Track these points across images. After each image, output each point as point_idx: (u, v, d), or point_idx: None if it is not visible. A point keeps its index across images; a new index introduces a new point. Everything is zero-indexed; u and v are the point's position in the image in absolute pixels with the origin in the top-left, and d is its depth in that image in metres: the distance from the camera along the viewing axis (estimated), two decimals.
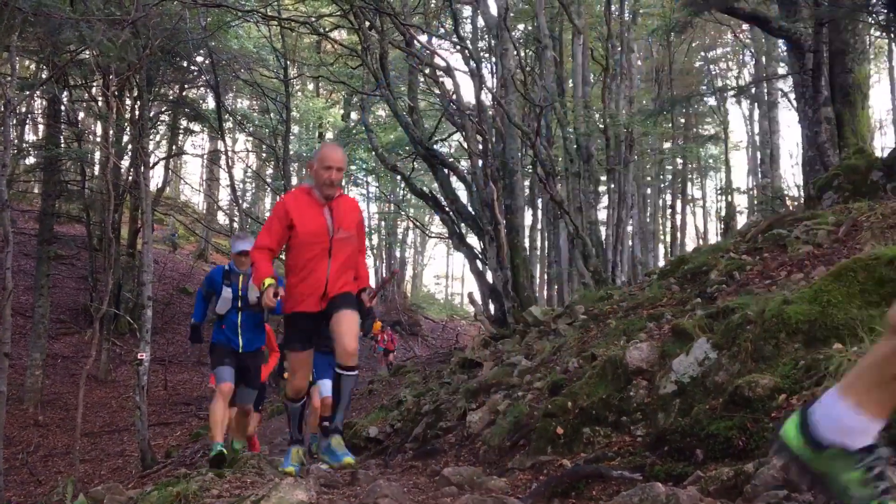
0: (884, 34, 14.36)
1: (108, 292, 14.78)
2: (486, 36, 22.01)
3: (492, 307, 17.17)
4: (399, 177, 25.29)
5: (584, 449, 4.25)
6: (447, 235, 21.54)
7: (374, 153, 22.86)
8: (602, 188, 24.41)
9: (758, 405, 3.25)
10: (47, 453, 15.32)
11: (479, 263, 17.91)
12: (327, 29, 24.22)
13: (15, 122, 23.56)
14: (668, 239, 35.08)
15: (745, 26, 23.51)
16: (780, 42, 16.44)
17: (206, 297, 6.23)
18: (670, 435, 3.57)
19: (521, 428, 5.03)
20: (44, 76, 19.24)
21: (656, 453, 3.58)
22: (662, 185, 35.44)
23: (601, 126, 19.18)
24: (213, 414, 5.82)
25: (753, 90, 24.63)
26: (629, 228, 22.32)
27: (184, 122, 26.15)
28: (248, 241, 5.84)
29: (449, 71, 17.87)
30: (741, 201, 29.45)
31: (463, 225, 18.33)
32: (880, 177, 7.20)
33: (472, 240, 19.28)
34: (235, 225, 31.67)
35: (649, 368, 4.52)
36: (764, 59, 23.41)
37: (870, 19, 10.59)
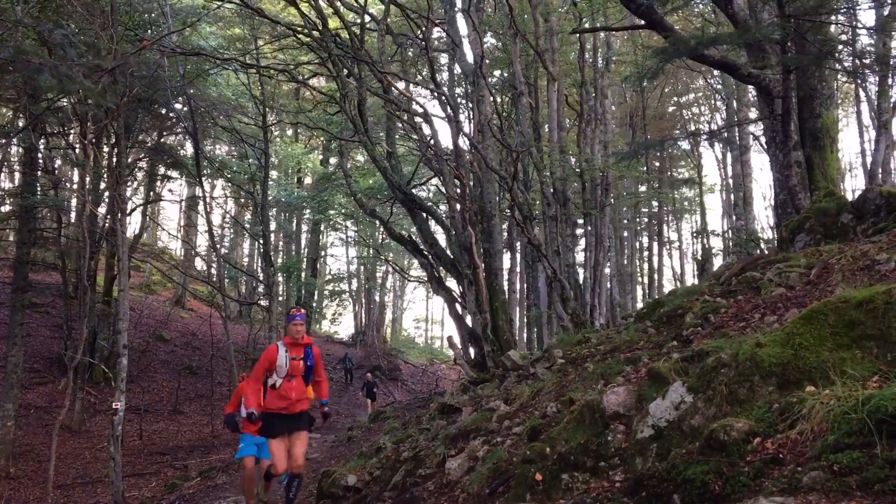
0: (850, 80, 14.75)
1: (83, 341, 14.61)
2: (463, 83, 22.31)
3: (471, 351, 17.12)
4: (378, 221, 25.34)
5: (563, 495, 4.23)
6: (426, 279, 21.48)
7: (352, 198, 22.92)
8: (579, 231, 24.62)
9: (733, 449, 3.26)
10: None
11: (458, 307, 17.90)
12: (306, 76, 24.51)
13: None
14: (646, 281, 35.33)
15: (716, 72, 24.02)
16: (751, 87, 16.81)
17: None
18: (648, 480, 3.56)
19: (501, 474, 5.00)
20: (21, 124, 19.19)
21: (634, 499, 3.57)
22: (639, 228, 35.81)
23: (577, 170, 19.42)
24: None
25: (725, 134, 25.07)
26: (607, 271, 22.49)
27: (162, 169, 26.14)
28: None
29: (426, 117, 18.08)
30: (716, 243, 29.78)
31: (442, 269, 18.34)
32: (850, 219, 7.33)
33: (452, 283, 19.31)
34: (213, 271, 31.50)
35: (626, 413, 4.52)
36: (735, 103, 23.88)
37: (836, 65, 10.88)
